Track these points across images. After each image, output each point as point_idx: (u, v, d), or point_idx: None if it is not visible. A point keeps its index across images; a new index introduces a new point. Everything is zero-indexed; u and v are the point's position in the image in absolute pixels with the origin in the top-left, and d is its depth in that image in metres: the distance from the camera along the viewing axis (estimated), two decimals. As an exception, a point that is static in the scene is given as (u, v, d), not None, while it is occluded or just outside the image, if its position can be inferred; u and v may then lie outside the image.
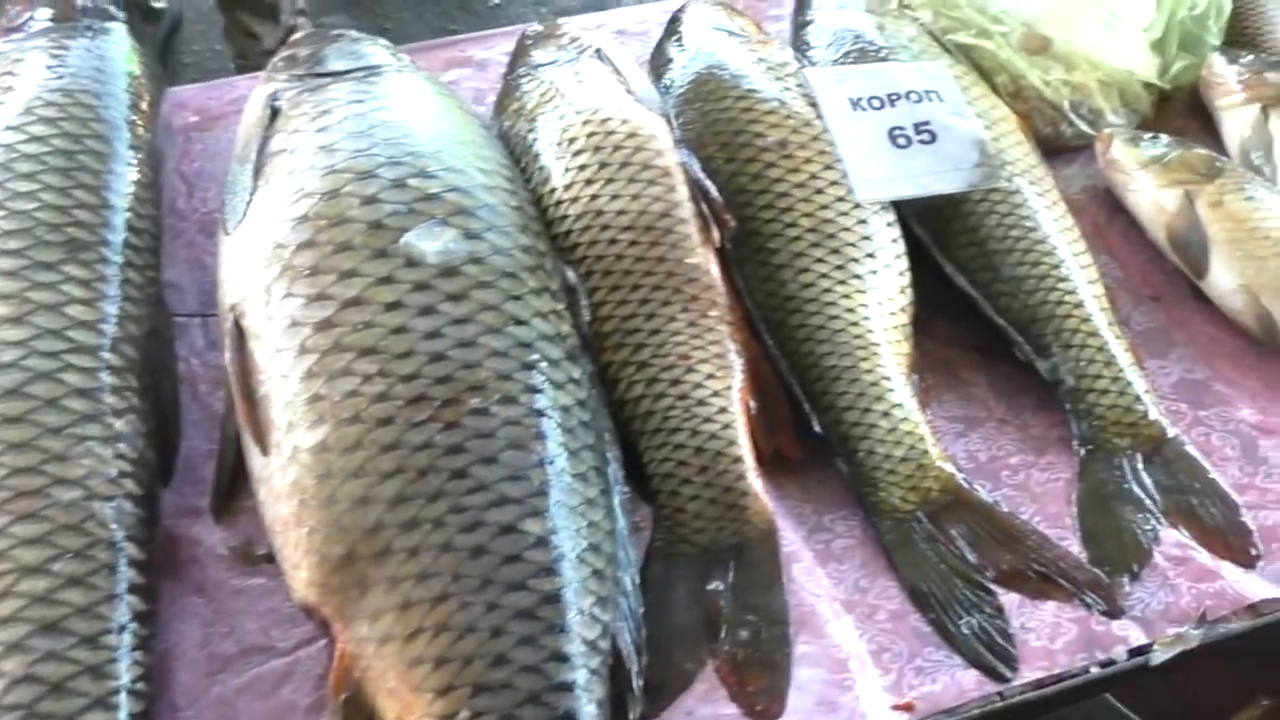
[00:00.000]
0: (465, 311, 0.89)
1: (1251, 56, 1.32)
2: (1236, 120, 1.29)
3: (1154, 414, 1.02)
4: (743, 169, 1.07)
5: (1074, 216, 1.22)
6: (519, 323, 0.91)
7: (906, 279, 1.06)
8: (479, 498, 0.83)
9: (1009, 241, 1.09)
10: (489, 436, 0.85)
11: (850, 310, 1.02)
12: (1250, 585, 0.93)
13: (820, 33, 1.26)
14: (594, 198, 1.04)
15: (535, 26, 1.26)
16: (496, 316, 0.90)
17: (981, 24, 1.30)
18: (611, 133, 1.08)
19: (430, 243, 0.92)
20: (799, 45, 1.27)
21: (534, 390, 0.89)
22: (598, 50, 1.18)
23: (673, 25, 1.24)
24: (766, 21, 1.33)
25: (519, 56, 1.22)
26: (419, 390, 0.85)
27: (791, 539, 0.95)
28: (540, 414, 0.88)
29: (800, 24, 1.30)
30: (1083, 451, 1.01)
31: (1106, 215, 1.25)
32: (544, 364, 0.91)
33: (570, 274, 1.00)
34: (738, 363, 0.99)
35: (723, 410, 0.96)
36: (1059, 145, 1.30)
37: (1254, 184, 1.16)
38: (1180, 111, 1.38)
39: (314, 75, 1.07)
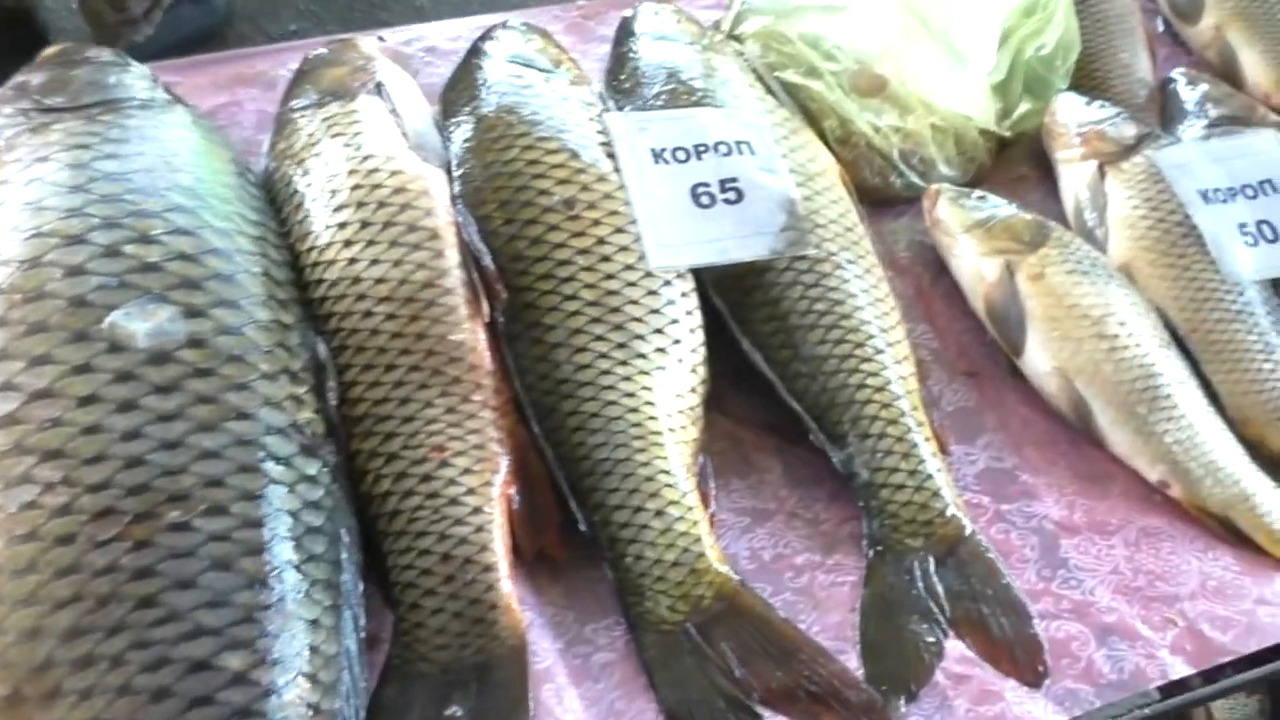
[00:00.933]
0: (175, 406, 0.79)
1: (1097, 106, 1.25)
2: (1074, 175, 1.22)
3: (951, 511, 0.95)
4: (522, 231, 0.97)
5: (897, 277, 1.15)
6: (242, 416, 0.81)
7: (700, 356, 0.98)
8: (168, 630, 0.73)
9: (812, 316, 1.01)
10: (187, 556, 0.75)
11: (630, 395, 0.93)
12: (1033, 708, 0.88)
13: (634, 68, 1.16)
14: (352, 261, 0.94)
15: (320, 50, 1.14)
16: (213, 410, 0.80)
17: (813, 61, 1.21)
18: (377, 186, 0.97)
19: (141, 323, 0.81)
20: (612, 83, 1.17)
21: (252, 497, 0.79)
22: (378, 85, 1.06)
23: (470, 56, 1.13)
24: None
25: (296, 84, 1.10)
26: (108, 502, 0.75)
27: (546, 652, 0.87)
28: (257, 524, 0.79)
29: (616, 56, 1.20)
30: (871, 553, 0.94)
31: (931, 277, 1.18)
32: (269, 463, 0.81)
33: (322, 348, 0.90)
34: (500, 454, 0.90)
35: (477, 510, 0.87)
36: (888, 197, 1.22)
37: (1080, 255, 1.09)
38: (1023, 158, 1.31)
39: (40, 110, 0.94)
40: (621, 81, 1.16)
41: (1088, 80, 1.34)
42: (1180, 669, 0.92)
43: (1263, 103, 1.39)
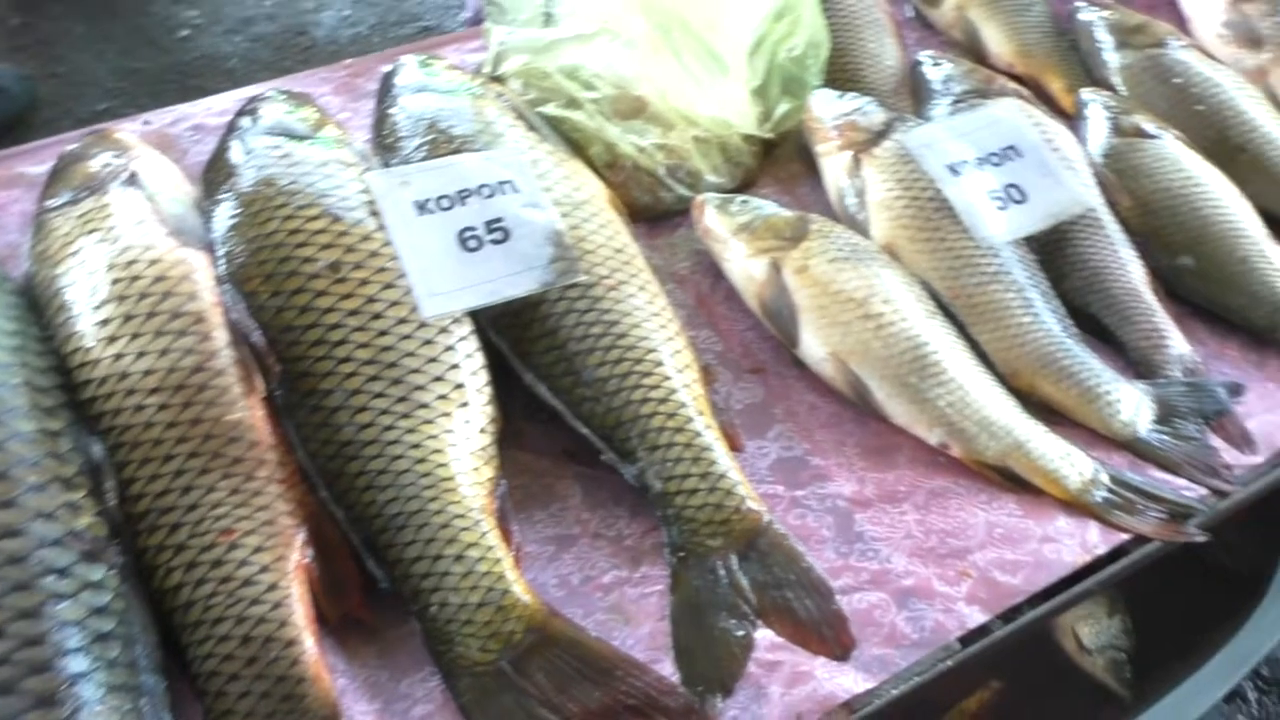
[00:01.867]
0: (-68, 536, 0.77)
1: (848, 98, 1.31)
2: (833, 167, 1.28)
3: (747, 505, 0.98)
4: (289, 302, 0.97)
5: (679, 288, 1.18)
6: (9, 534, 0.80)
7: (485, 396, 0.99)
8: (-48, 765, 0.71)
9: (589, 341, 1.03)
10: (-36, 686, 0.73)
11: (416, 446, 0.94)
12: (843, 681, 0.91)
13: (395, 123, 1.17)
14: (118, 357, 0.93)
15: (73, 146, 1.12)
16: (-22, 533, 0.78)
17: (572, 92, 1.24)
18: (137, 278, 0.96)
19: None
20: (377, 140, 1.18)
21: (29, 614, 0.78)
22: (132, 175, 1.05)
23: (227, 132, 1.13)
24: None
25: (50, 183, 1.08)
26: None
27: (364, 715, 0.87)
28: (38, 642, 0.77)
29: (379, 113, 1.20)
30: (675, 559, 0.96)
31: (710, 284, 1.21)
32: (47, 577, 0.80)
33: (97, 449, 0.89)
34: (292, 527, 0.90)
35: (273, 587, 0.87)
36: (662, 212, 1.26)
37: (841, 243, 1.14)
38: (791, 155, 1.37)
39: None
40: (385, 138, 1.17)
41: (840, 74, 1.41)
42: (977, 617, 0.97)
43: (1006, 73, 1.47)
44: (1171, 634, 1.82)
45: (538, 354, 1.03)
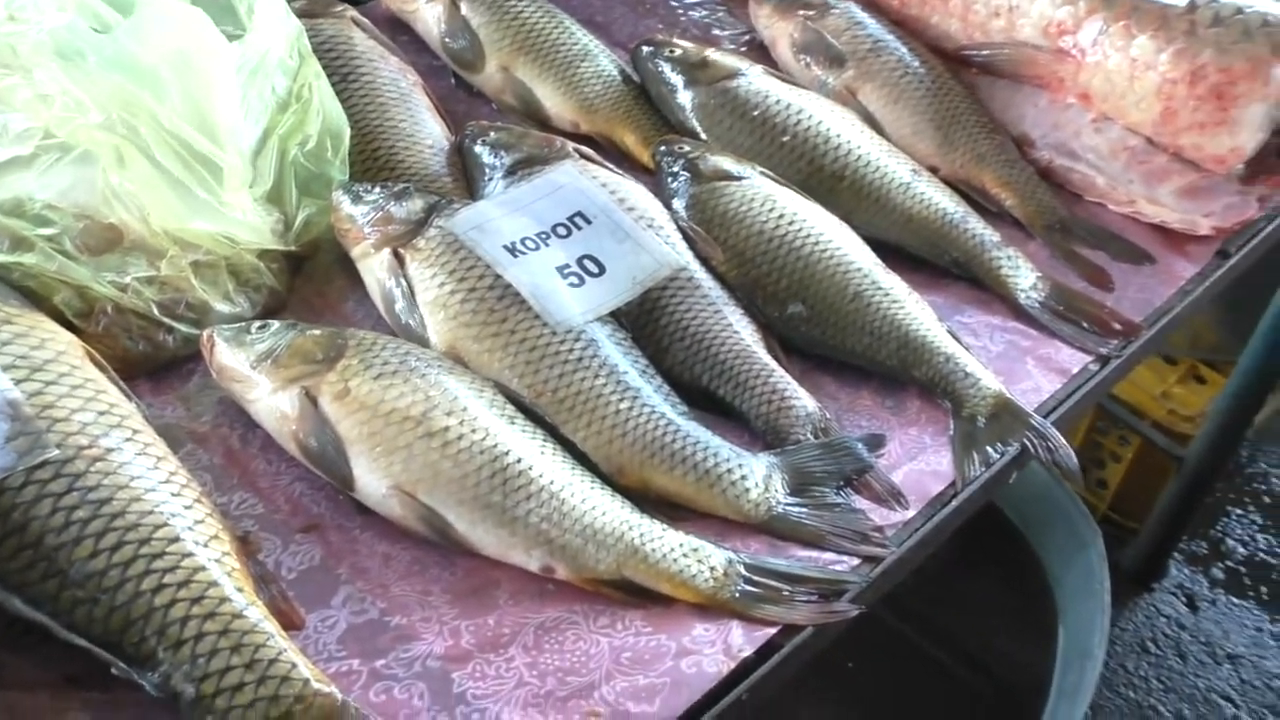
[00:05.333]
0: None
1: (380, 189, 1.45)
2: (373, 269, 1.41)
3: (313, 690, 1.05)
4: None
5: (200, 447, 1.26)
6: None
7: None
8: None
9: (74, 528, 1.08)
10: None
11: None
12: None
13: None
14: None
15: None
16: None
17: (18, 231, 1.31)
18: None
19: None
20: None
21: None
22: None
23: None
24: None
25: None
26: None
27: None
28: None
29: None
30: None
31: (241, 435, 1.30)
32: None
33: None
34: None
35: None
36: (166, 359, 1.34)
37: (386, 355, 1.26)
38: (330, 267, 1.49)
39: None
40: None
41: (371, 162, 1.56)
42: (613, 761, 1.08)
43: (574, 135, 1.68)
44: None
45: (4, 559, 1.07)
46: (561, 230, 1.44)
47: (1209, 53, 1.62)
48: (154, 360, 1.34)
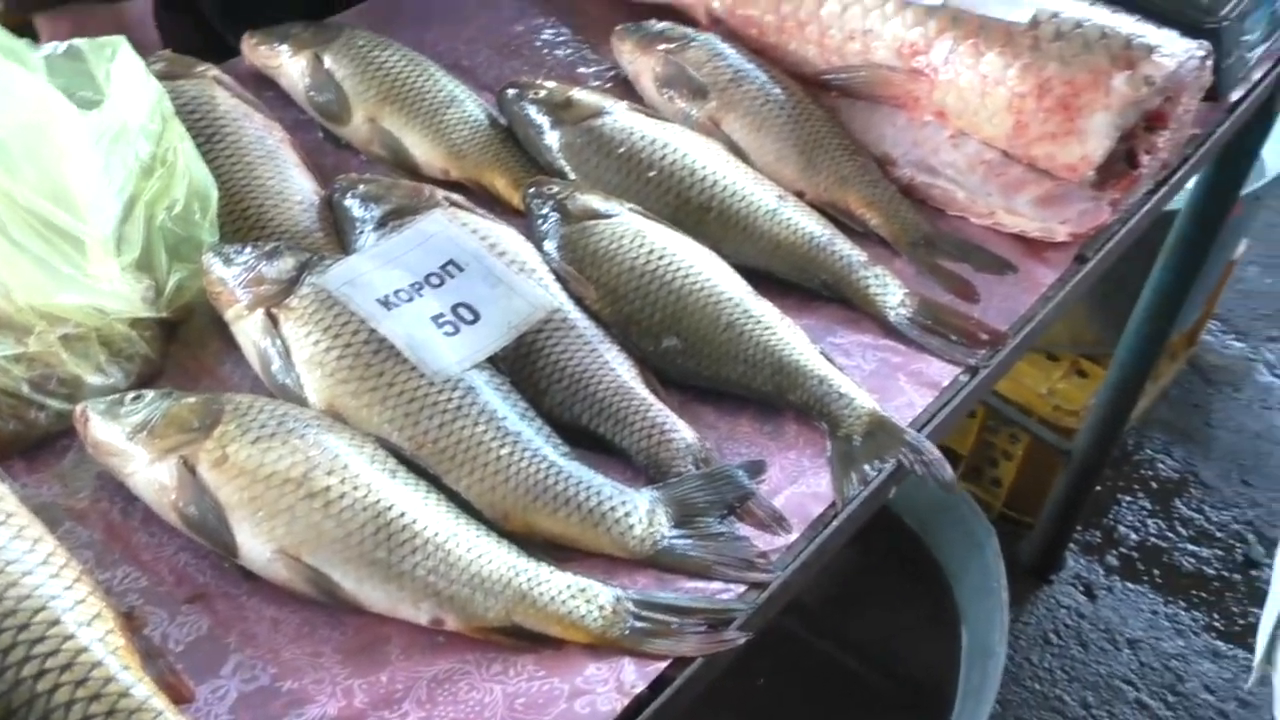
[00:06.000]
0: None
1: (248, 249, 1.45)
2: (247, 331, 1.41)
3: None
4: None
5: (80, 524, 1.25)
6: None
7: None
8: None
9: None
10: None
11: None
12: None
13: None
14: None
15: None
16: None
17: None
18: None
19: None
20: None
21: None
22: None
23: None
24: None
25: None
26: None
27: None
28: None
29: None
30: None
31: (121, 510, 1.29)
32: None
33: None
34: None
35: None
36: (39, 437, 1.33)
37: (264, 418, 1.26)
38: (206, 331, 1.48)
39: None
40: None
41: (241, 222, 1.56)
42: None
43: (441, 180, 1.69)
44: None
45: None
46: (434, 280, 1.45)
47: (1053, 66, 1.67)
48: (26, 439, 1.33)
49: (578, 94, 1.75)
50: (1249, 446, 3.67)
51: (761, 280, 1.59)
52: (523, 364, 1.44)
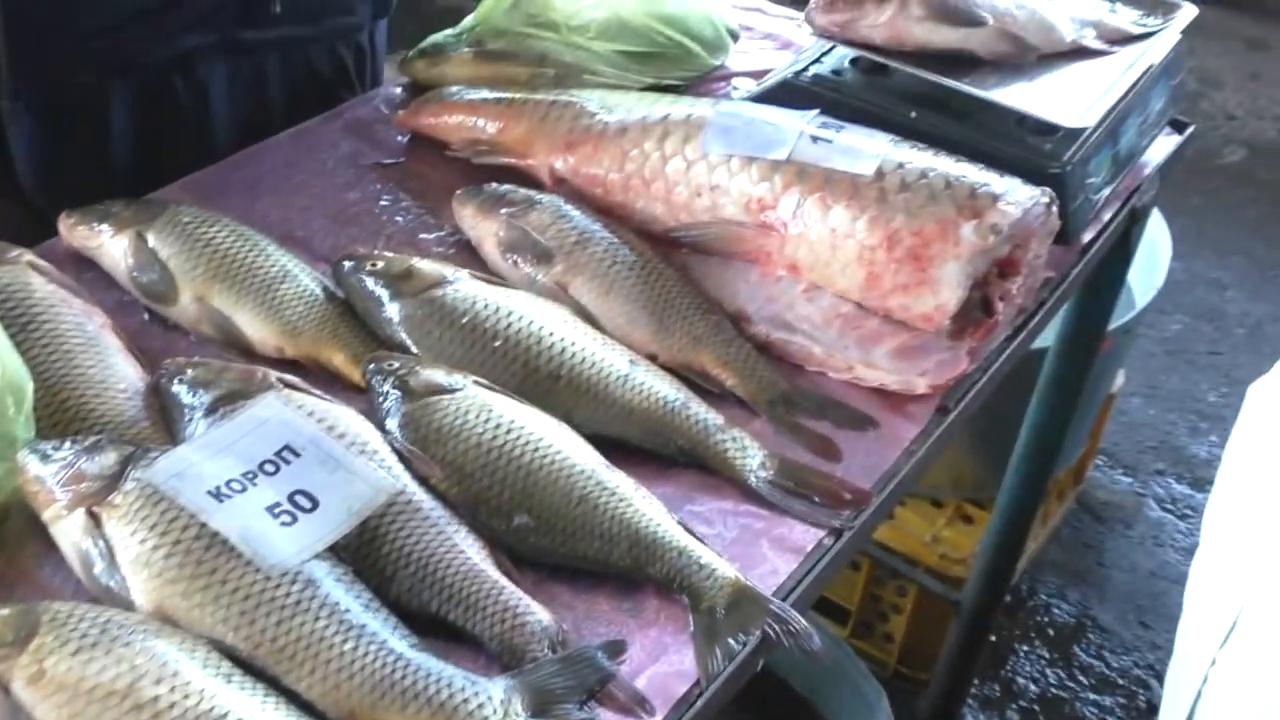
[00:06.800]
0: None
1: (69, 444, 1.46)
2: (68, 532, 1.41)
3: None
4: None
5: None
6: None
7: None
8: None
9: None
10: None
11: None
12: None
13: None
14: None
15: None
16: None
17: None
18: None
19: None
20: None
21: None
22: None
23: None
24: None
25: None
26: None
27: None
28: None
29: None
30: None
31: (-71, 734, 1.27)
32: None
33: None
34: None
35: None
36: None
37: (85, 626, 1.26)
38: (25, 533, 1.48)
39: None
40: None
41: (60, 414, 1.56)
42: None
43: (277, 359, 1.72)
44: None
45: None
46: (269, 467, 1.47)
47: (900, 218, 1.77)
48: None
49: (418, 263, 1.80)
50: (1144, 586, 3.78)
51: (616, 449, 1.63)
52: (366, 551, 1.46)
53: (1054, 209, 1.85)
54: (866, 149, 1.86)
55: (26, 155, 2.13)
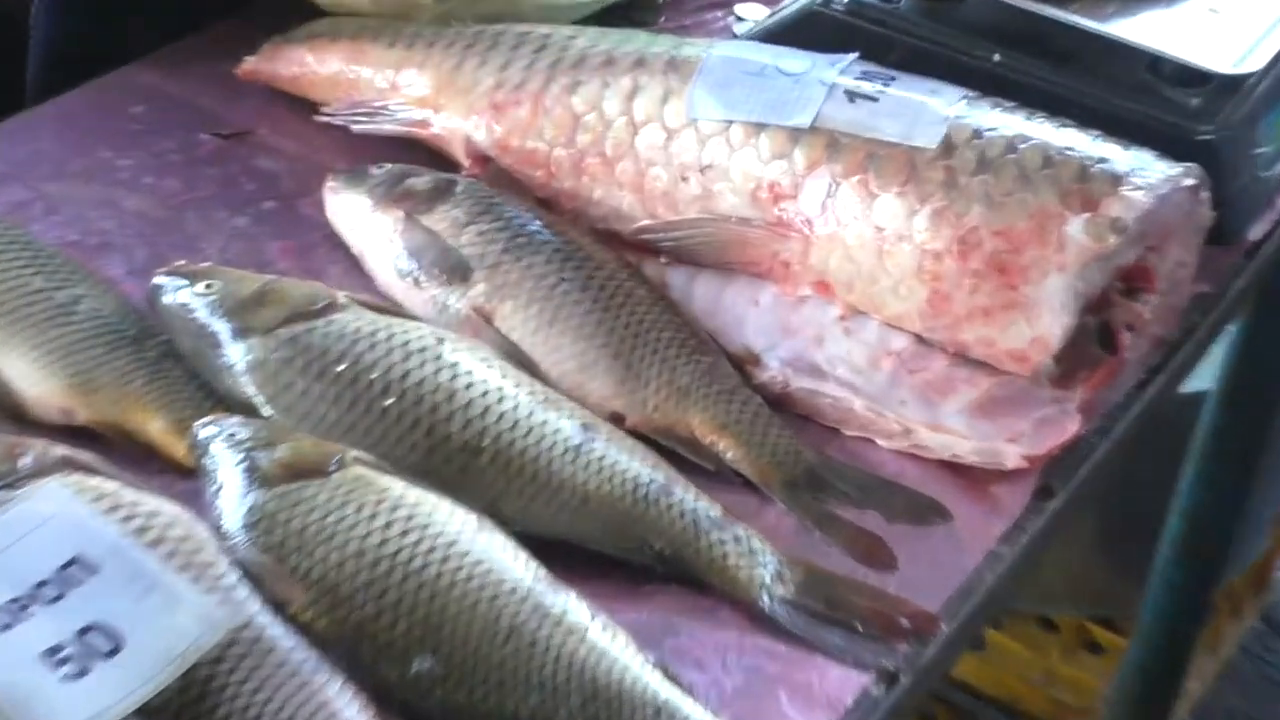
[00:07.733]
0: None
1: None
2: None
3: None
4: None
5: None
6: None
7: None
8: None
9: None
10: None
11: None
12: None
13: None
14: None
15: None
16: None
17: None
18: None
19: None
20: None
21: None
22: None
23: None
24: None
25: None
26: None
27: None
28: None
29: None
30: None
31: None
32: None
33: None
34: None
35: None
36: None
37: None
38: None
39: None
40: None
41: None
42: None
43: (62, 425, 1.73)
44: None
45: None
46: (50, 591, 1.46)
47: (978, 210, 1.77)
48: None
49: (273, 283, 1.80)
50: (1360, 741, 3.78)
51: (564, 555, 1.63)
52: (194, 713, 1.46)
53: (1204, 194, 1.85)
54: (928, 110, 1.86)
55: None
